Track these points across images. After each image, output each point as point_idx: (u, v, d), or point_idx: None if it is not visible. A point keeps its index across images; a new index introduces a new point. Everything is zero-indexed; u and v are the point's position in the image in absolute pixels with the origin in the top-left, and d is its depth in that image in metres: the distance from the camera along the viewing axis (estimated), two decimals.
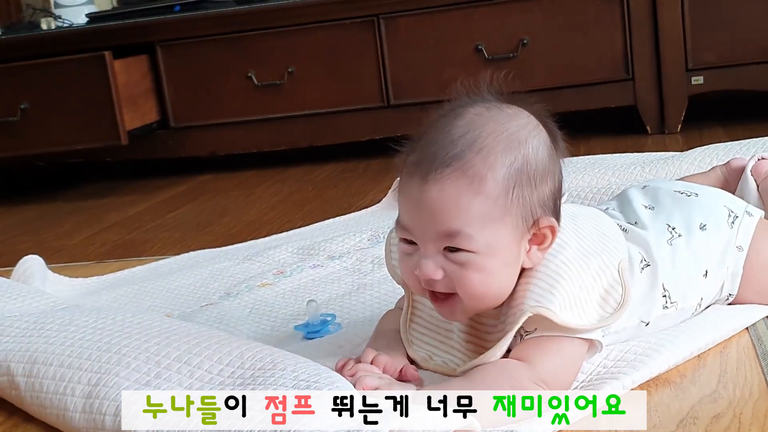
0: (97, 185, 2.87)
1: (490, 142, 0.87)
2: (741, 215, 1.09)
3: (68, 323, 1.10)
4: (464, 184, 0.86)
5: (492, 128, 0.88)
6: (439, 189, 0.86)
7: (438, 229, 0.87)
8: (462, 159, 0.86)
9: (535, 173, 0.88)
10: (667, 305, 1.00)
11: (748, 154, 1.64)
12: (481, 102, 0.91)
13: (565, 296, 0.89)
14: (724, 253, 1.06)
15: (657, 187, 1.13)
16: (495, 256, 0.88)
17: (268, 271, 1.51)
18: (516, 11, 2.49)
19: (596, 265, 0.92)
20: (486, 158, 0.86)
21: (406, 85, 2.57)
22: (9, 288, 1.36)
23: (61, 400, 0.97)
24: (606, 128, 2.58)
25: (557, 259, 0.91)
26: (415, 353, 0.99)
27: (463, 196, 0.86)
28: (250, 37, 2.64)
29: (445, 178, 0.86)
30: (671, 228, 1.04)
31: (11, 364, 1.06)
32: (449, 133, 0.88)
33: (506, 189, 0.87)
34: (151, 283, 1.55)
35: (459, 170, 0.86)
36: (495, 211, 0.86)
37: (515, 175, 0.87)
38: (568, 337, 0.90)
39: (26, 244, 2.10)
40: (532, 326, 0.90)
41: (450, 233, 0.87)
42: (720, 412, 0.87)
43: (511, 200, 0.87)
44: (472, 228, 0.86)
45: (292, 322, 1.24)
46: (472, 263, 0.87)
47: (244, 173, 2.69)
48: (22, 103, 2.55)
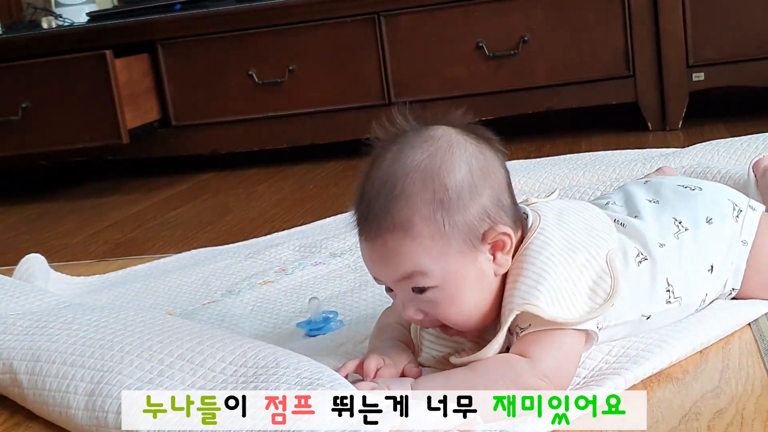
0: (98, 184, 2.87)
1: (407, 186, 0.90)
2: (745, 209, 1.09)
3: (71, 321, 1.10)
4: (400, 235, 0.89)
5: (405, 170, 0.90)
6: (381, 243, 0.90)
7: (395, 276, 0.91)
8: (389, 211, 0.90)
9: (460, 194, 0.90)
10: (671, 300, 1.00)
11: (749, 150, 1.65)
12: (394, 140, 0.93)
13: (551, 291, 0.90)
14: (729, 248, 1.06)
15: (659, 182, 1.13)
16: (457, 284, 0.91)
17: (270, 268, 1.51)
18: (517, 8, 2.48)
19: (582, 258, 0.93)
20: (407, 203, 0.89)
21: (407, 82, 2.57)
22: (11, 286, 1.36)
23: (63, 397, 0.98)
24: (607, 125, 2.58)
25: (542, 256, 0.92)
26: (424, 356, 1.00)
27: (404, 245, 0.89)
28: (251, 35, 2.64)
29: (382, 234, 0.90)
30: (678, 222, 1.04)
31: (14, 362, 1.06)
32: (372, 188, 0.91)
33: (437, 223, 0.89)
34: (152, 281, 1.55)
35: (390, 223, 0.89)
36: (436, 247, 0.89)
37: (440, 207, 0.89)
38: (563, 330, 0.90)
39: (28, 243, 2.10)
40: (526, 322, 0.91)
41: (406, 276, 0.91)
42: (722, 407, 0.87)
43: (449, 228, 0.89)
44: (422, 266, 0.90)
45: (294, 320, 1.24)
46: (441, 299, 0.91)
47: (245, 171, 2.69)
48: (23, 102, 2.55)
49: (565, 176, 1.74)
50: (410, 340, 1.01)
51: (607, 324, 0.95)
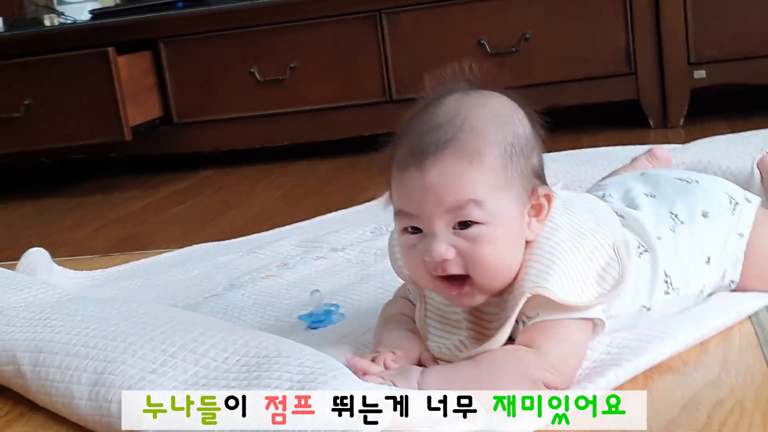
0: (100, 181, 2.88)
1: (479, 122, 0.89)
2: (741, 202, 1.09)
3: (74, 313, 1.10)
4: (465, 162, 0.87)
5: (476, 110, 0.90)
6: (440, 169, 0.87)
7: (446, 204, 0.87)
8: (456, 141, 0.88)
9: (526, 145, 0.91)
10: (669, 291, 1.01)
11: (750, 147, 1.65)
12: (457, 90, 0.93)
13: (562, 275, 0.90)
14: (725, 240, 1.06)
15: (657, 174, 1.13)
16: (503, 226, 0.89)
17: (272, 263, 1.52)
18: (518, 5, 2.49)
19: (591, 244, 0.93)
20: (479, 136, 0.88)
21: (408, 80, 2.57)
22: (14, 279, 1.37)
23: (67, 388, 0.98)
24: (608, 122, 2.59)
25: (551, 241, 0.92)
26: (431, 346, 0.99)
27: (467, 172, 0.87)
28: (253, 32, 2.65)
29: (444, 159, 0.87)
30: (674, 215, 1.05)
31: (17, 353, 1.06)
32: (436, 121, 0.89)
33: (504, 161, 0.89)
34: (155, 275, 1.55)
35: (456, 150, 0.87)
36: (498, 182, 0.88)
37: (510, 148, 0.89)
38: (571, 320, 0.90)
39: (30, 239, 2.10)
40: (533, 311, 0.90)
41: (459, 205, 0.87)
42: (722, 398, 0.88)
43: (511, 171, 0.89)
44: (480, 196, 0.87)
45: (296, 313, 1.25)
46: (484, 236, 0.88)
47: (246, 168, 2.70)
48: (25, 99, 2.55)
49: (567, 172, 1.74)
50: (416, 329, 1.00)
51: (608, 315, 0.95)
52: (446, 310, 0.99)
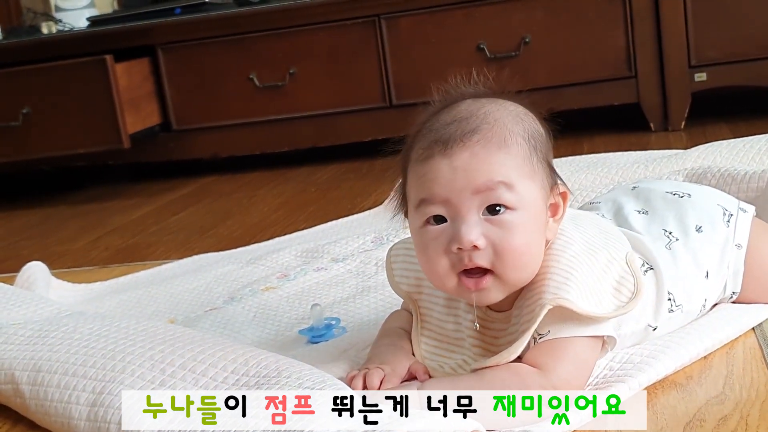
0: (99, 189, 2.87)
1: (500, 116, 0.90)
2: (735, 212, 1.08)
3: (72, 331, 1.09)
4: (494, 147, 0.88)
5: (494, 107, 0.91)
6: (469, 154, 0.87)
7: (476, 183, 0.86)
8: (482, 130, 0.88)
9: (542, 142, 0.92)
10: (672, 308, 1.00)
11: (752, 151, 1.65)
12: (467, 95, 0.94)
13: (580, 287, 0.89)
14: (723, 253, 1.05)
15: (648, 188, 1.11)
16: (533, 214, 0.89)
17: (272, 274, 1.51)
18: (517, 9, 2.48)
19: (604, 258, 0.93)
20: (504, 126, 0.89)
21: (407, 85, 2.56)
22: (13, 295, 1.36)
23: (66, 408, 0.97)
24: (609, 126, 2.58)
25: (566, 254, 0.91)
26: (431, 365, 0.98)
27: (497, 155, 0.88)
28: (251, 38, 2.64)
29: (472, 145, 0.87)
30: (668, 233, 1.04)
31: (16, 372, 1.06)
32: (458, 115, 0.90)
33: (530, 150, 0.90)
34: (154, 287, 1.55)
35: (483, 138, 0.88)
36: (526, 168, 0.89)
37: (530, 141, 0.90)
38: (581, 338, 0.89)
39: (29, 249, 2.10)
40: (546, 327, 0.89)
41: (490, 186, 0.86)
42: (727, 414, 0.87)
43: (536, 161, 0.90)
44: (511, 179, 0.87)
45: (296, 326, 1.24)
46: (515, 224, 0.87)
47: (246, 175, 2.69)
48: (23, 107, 2.55)
49: (567, 179, 1.70)
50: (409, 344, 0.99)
51: (618, 333, 0.94)
52: (448, 328, 0.98)
